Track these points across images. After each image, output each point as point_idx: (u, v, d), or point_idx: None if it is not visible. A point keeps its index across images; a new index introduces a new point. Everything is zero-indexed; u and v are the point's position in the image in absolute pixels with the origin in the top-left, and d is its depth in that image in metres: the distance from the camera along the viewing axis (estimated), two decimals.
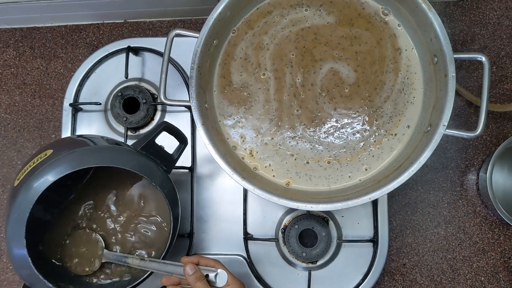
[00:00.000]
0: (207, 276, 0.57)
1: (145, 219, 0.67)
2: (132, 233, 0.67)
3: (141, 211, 0.68)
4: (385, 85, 0.66)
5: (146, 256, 0.66)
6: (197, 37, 0.63)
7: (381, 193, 0.58)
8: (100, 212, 0.67)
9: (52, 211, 0.65)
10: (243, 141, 0.67)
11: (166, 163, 0.64)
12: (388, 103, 0.66)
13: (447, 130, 0.58)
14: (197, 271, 0.56)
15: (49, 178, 0.54)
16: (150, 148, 0.62)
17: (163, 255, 0.62)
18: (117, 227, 0.67)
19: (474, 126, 0.59)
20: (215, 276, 0.56)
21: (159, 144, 0.65)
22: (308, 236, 0.74)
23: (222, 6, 0.63)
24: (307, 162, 0.66)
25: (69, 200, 0.66)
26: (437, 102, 0.61)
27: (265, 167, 0.66)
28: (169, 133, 0.65)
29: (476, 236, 0.75)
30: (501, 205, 0.71)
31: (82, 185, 0.67)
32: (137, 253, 0.66)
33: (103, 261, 0.65)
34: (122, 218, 0.68)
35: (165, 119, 0.76)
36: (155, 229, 0.67)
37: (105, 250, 0.65)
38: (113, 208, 0.68)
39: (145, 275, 0.61)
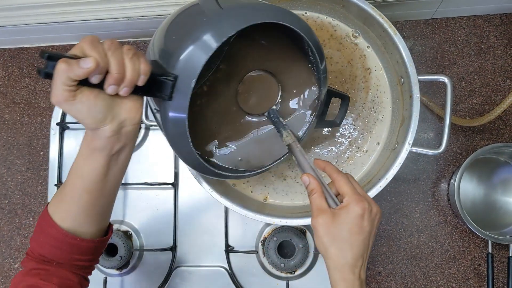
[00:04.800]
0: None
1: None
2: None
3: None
4: (356, 102, 0.70)
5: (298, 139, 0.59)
6: None
7: None
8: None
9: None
10: None
11: None
12: (360, 120, 0.69)
13: (412, 148, 0.62)
14: (311, 183, 0.50)
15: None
16: None
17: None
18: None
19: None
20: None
21: None
22: (288, 246, 0.77)
23: None
24: (284, 179, 0.70)
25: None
26: (404, 121, 0.64)
27: (243, 183, 0.69)
28: None
29: (448, 245, 0.78)
30: (470, 215, 0.74)
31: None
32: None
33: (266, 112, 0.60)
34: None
35: (148, 137, 0.79)
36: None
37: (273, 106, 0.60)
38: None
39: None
